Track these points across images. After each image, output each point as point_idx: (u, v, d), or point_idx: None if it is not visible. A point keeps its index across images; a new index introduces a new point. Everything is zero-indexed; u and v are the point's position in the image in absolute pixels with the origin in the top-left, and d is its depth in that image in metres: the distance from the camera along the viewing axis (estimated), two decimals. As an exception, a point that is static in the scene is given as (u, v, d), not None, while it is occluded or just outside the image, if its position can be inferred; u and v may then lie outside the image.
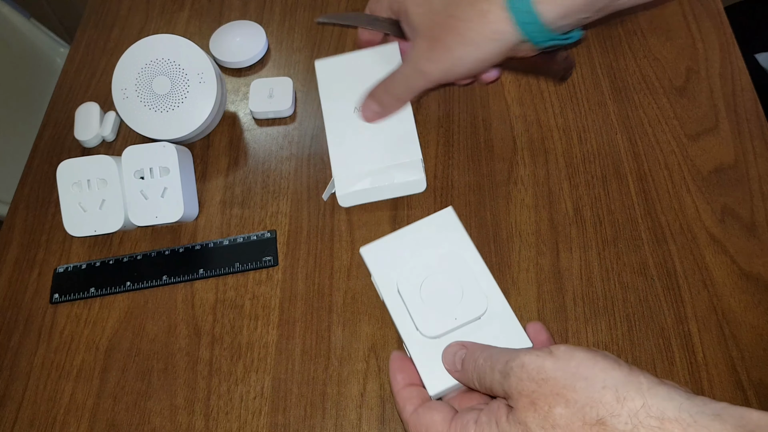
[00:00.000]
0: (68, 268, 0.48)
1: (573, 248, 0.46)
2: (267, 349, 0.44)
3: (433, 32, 0.39)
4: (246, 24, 0.60)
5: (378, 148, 0.46)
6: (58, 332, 0.46)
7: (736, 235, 0.45)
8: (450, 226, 0.41)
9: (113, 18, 0.64)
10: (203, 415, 0.41)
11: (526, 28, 0.36)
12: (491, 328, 0.38)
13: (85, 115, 0.54)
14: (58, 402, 0.43)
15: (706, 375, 0.40)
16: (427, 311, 0.38)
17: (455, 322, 0.37)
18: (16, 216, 0.52)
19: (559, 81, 0.53)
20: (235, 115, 0.55)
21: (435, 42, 0.39)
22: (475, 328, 0.38)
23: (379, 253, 0.41)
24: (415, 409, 0.33)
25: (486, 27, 0.37)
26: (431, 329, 0.37)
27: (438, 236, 0.41)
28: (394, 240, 0.41)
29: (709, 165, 0.48)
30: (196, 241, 0.49)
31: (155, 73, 0.49)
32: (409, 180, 0.46)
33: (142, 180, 0.47)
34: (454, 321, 0.37)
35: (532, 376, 0.28)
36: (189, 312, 0.46)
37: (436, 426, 0.32)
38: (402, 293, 0.39)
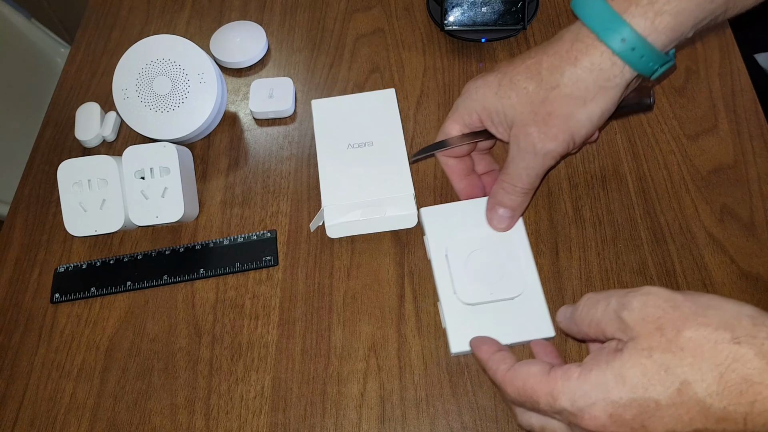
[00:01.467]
0: (69, 268, 0.48)
1: (572, 248, 0.46)
2: (267, 349, 0.44)
3: (542, 111, 0.36)
4: (246, 24, 0.60)
5: (370, 181, 0.46)
6: (58, 332, 0.46)
7: (735, 235, 0.45)
8: None
9: (114, 18, 0.64)
10: (203, 415, 0.42)
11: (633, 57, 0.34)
12: (522, 310, 0.41)
13: (86, 115, 0.54)
14: (59, 401, 0.43)
15: (706, 374, 0.40)
16: (468, 280, 0.41)
17: (490, 296, 0.41)
18: (16, 216, 0.52)
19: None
20: (235, 115, 0.56)
21: (548, 118, 0.36)
22: (507, 306, 0.41)
23: (437, 216, 0.45)
24: (510, 367, 0.33)
25: (599, 78, 0.35)
26: (468, 297, 0.41)
27: None
28: (454, 209, 0.45)
29: (709, 165, 0.48)
30: (196, 241, 0.49)
31: (156, 74, 0.49)
32: (400, 214, 0.45)
33: (142, 180, 0.47)
34: (489, 295, 0.41)
35: (659, 304, 0.28)
36: (189, 312, 0.46)
37: (534, 377, 0.31)
38: (449, 258, 0.42)
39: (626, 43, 0.33)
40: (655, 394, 0.27)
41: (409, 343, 0.43)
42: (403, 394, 0.41)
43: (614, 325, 0.29)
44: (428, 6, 0.60)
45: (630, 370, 0.27)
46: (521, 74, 0.37)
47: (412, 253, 0.46)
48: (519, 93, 0.37)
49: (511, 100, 0.37)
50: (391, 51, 0.58)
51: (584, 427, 0.29)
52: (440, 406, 0.41)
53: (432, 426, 0.40)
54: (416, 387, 0.41)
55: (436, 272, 0.43)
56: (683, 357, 0.26)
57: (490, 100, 0.39)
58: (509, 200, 0.42)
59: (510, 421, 0.39)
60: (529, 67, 0.37)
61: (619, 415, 0.27)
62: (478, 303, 0.41)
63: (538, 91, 0.36)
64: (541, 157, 0.38)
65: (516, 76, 0.37)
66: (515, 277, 0.41)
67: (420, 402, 0.41)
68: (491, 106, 0.39)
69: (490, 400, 0.40)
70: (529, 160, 0.38)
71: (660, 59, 0.34)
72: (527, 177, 0.40)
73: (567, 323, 0.34)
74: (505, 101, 0.38)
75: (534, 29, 0.58)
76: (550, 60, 0.36)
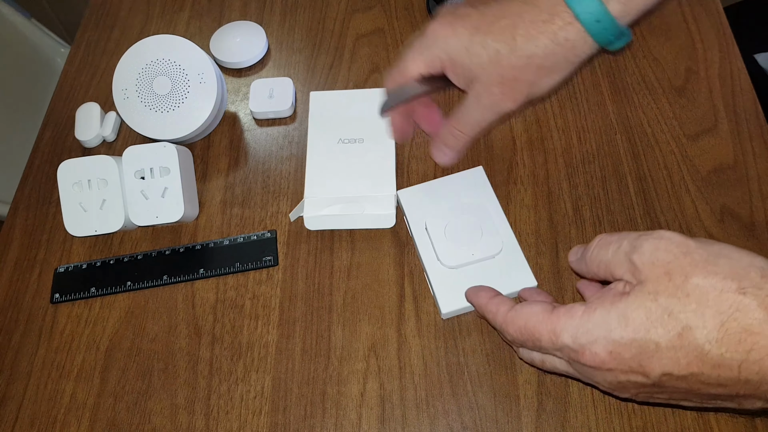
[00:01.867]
0: (69, 268, 0.48)
1: (572, 248, 0.46)
2: (267, 349, 0.44)
3: (510, 75, 0.38)
4: (246, 24, 0.60)
5: (354, 177, 0.48)
6: (58, 332, 0.46)
7: (735, 235, 0.45)
8: (478, 183, 0.47)
9: (114, 18, 0.64)
10: (203, 415, 0.42)
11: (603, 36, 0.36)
12: (503, 266, 0.43)
13: (86, 116, 0.54)
14: (59, 401, 0.43)
15: (705, 374, 0.40)
16: (448, 245, 0.44)
17: (472, 257, 0.43)
18: (16, 216, 0.52)
19: None
20: (235, 116, 0.56)
21: (514, 83, 0.38)
22: (489, 265, 0.43)
23: (413, 196, 0.47)
24: (511, 308, 0.34)
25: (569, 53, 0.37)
26: (450, 260, 0.43)
27: (466, 189, 0.47)
28: (428, 187, 0.47)
29: (709, 165, 0.48)
30: (196, 241, 0.49)
31: (156, 74, 0.49)
32: (378, 213, 0.46)
33: (142, 180, 0.47)
34: (471, 256, 0.43)
35: (671, 249, 0.28)
36: (189, 312, 0.46)
37: (537, 315, 0.32)
38: (429, 229, 0.45)
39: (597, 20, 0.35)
40: (656, 337, 0.27)
41: (409, 343, 0.43)
42: (403, 394, 0.41)
43: (624, 267, 0.30)
44: (428, 6, 0.60)
45: (634, 311, 0.28)
46: (495, 35, 0.37)
47: (412, 253, 0.46)
48: (490, 54, 0.37)
49: (481, 59, 0.38)
50: (391, 51, 0.58)
51: (584, 363, 0.30)
52: (440, 406, 0.41)
53: (432, 426, 0.40)
54: (416, 387, 0.41)
55: (418, 245, 0.45)
56: (688, 303, 0.27)
57: (460, 53, 0.39)
58: (455, 144, 0.45)
59: (510, 421, 0.40)
60: (504, 29, 0.37)
61: (619, 353, 0.28)
62: (462, 265, 0.43)
63: (509, 56, 0.37)
64: (497, 114, 0.41)
65: (489, 35, 0.37)
66: (493, 236, 0.44)
67: (420, 402, 0.41)
68: (459, 59, 0.39)
69: (490, 400, 0.40)
70: (486, 114, 0.41)
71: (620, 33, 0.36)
72: (478, 127, 0.42)
73: (577, 263, 0.35)
74: (474, 59, 0.38)
75: (534, 29, 0.58)
76: (526, 27, 0.36)
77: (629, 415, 0.39)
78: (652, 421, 0.39)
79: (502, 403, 0.40)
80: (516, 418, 0.40)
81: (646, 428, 0.39)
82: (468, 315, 0.43)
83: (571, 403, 0.40)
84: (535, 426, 0.39)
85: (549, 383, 0.41)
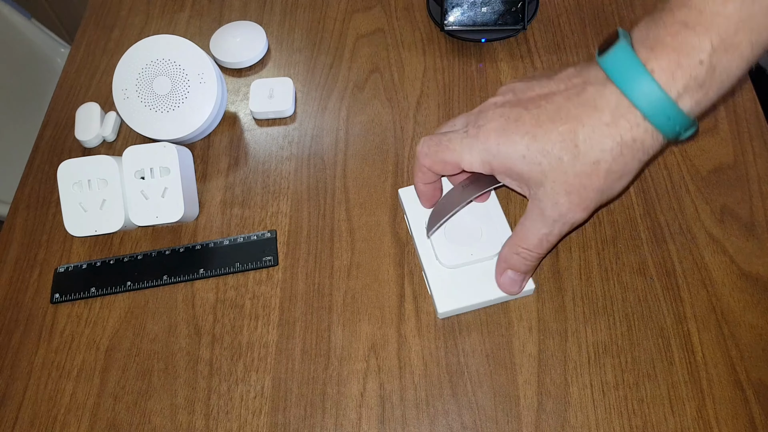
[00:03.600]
0: (69, 268, 0.48)
1: (572, 248, 0.46)
2: (267, 349, 0.44)
3: (576, 184, 0.35)
4: (246, 24, 0.60)
5: None
6: (58, 332, 0.46)
7: (735, 235, 0.45)
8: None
9: (114, 18, 0.64)
10: (203, 415, 0.42)
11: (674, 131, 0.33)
12: None
13: (86, 116, 0.54)
14: (59, 401, 0.43)
15: (706, 375, 0.40)
16: (448, 245, 0.44)
17: (471, 257, 0.43)
18: (16, 216, 0.52)
19: None
20: (235, 116, 0.56)
21: (583, 191, 0.35)
22: (486, 266, 0.44)
23: (414, 195, 0.46)
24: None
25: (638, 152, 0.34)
26: (449, 260, 0.43)
27: None
28: None
29: (709, 165, 0.48)
30: (196, 241, 0.49)
31: (156, 74, 0.49)
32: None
33: (142, 180, 0.47)
34: (470, 256, 0.43)
35: None
36: (189, 312, 0.46)
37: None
38: None
39: (668, 117, 0.32)
40: None
41: (409, 343, 0.43)
42: (403, 395, 0.41)
43: None
44: (428, 6, 0.60)
45: None
46: (554, 142, 0.34)
47: (412, 253, 0.46)
48: (551, 161, 0.35)
49: (541, 167, 0.35)
50: (391, 51, 0.58)
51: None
52: (440, 406, 0.41)
53: (432, 426, 0.40)
54: (416, 387, 0.41)
55: (417, 245, 0.45)
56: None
57: (515, 160, 0.36)
58: (524, 266, 0.40)
59: (510, 421, 0.40)
60: (563, 134, 0.34)
61: None
62: (460, 265, 0.44)
63: (573, 163, 0.34)
64: (568, 226, 0.37)
65: (548, 143, 0.34)
66: (492, 238, 0.44)
67: (420, 402, 0.41)
68: (514, 167, 0.36)
69: (490, 400, 0.40)
70: (554, 227, 0.37)
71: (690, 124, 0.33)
72: (547, 243, 0.38)
73: None
74: (534, 167, 0.35)
75: (534, 29, 0.58)
76: (586, 132, 0.33)
77: (629, 415, 0.39)
78: (652, 421, 0.39)
79: (502, 403, 0.40)
80: (516, 418, 0.40)
81: (646, 428, 0.39)
82: (468, 315, 0.43)
83: (571, 403, 0.40)
84: (535, 426, 0.39)
85: (549, 383, 0.41)
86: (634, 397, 0.40)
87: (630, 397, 0.40)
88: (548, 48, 0.56)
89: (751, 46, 0.31)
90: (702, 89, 0.32)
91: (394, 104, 0.54)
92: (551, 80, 0.36)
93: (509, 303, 0.44)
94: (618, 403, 0.40)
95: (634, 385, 0.40)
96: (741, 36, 0.30)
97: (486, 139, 0.37)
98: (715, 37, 0.30)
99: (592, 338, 0.42)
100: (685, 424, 0.39)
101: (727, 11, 0.30)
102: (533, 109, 0.35)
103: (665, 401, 0.39)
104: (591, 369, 0.41)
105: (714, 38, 0.31)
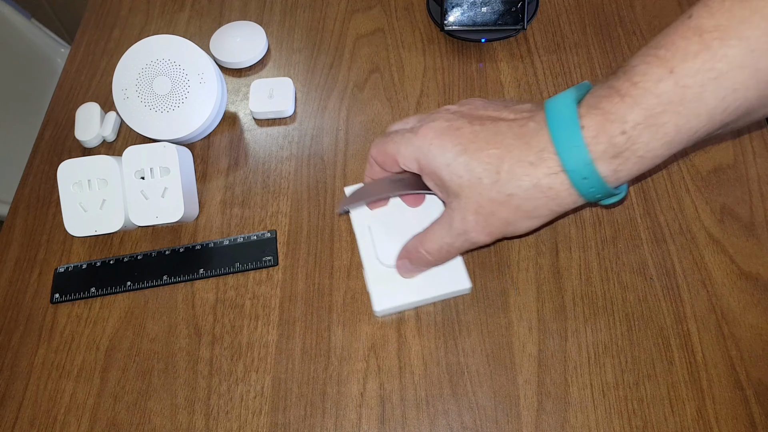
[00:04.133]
0: (69, 268, 0.48)
1: (572, 248, 0.46)
2: (267, 349, 0.44)
3: (487, 207, 0.36)
4: (246, 24, 0.60)
5: None
6: (58, 332, 0.46)
7: (735, 235, 0.45)
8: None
9: (114, 18, 0.64)
10: (203, 415, 0.42)
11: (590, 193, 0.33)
12: (438, 268, 0.44)
13: (86, 116, 0.54)
14: (59, 401, 0.43)
15: (706, 375, 0.40)
16: (389, 245, 0.44)
17: None
18: (16, 216, 0.52)
19: None
20: (235, 116, 0.56)
21: (491, 216, 0.36)
22: None
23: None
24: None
25: (552, 201, 0.34)
26: (389, 259, 0.44)
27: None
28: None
29: (708, 165, 0.48)
30: (196, 241, 0.49)
31: (156, 74, 0.49)
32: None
33: (142, 180, 0.47)
34: None
35: None
36: (189, 312, 0.46)
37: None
38: (371, 228, 0.46)
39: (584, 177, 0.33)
40: None
41: (409, 343, 0.43)
42: (403, 394, 0.41)
43: None
44: (428, 6, 0.60)
45: None
46: (480, 161, 0.35)
47: (412, 253, 0.46)
48: (471, 178, 0.35)
49: (461, 180, 0.36)
50: (391, 51, 0.58)
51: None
52: (440, 406, 0.41)
53: (432, 426, 0.40)
54: (416, 387, 0.41)
55: (360, 243, 0.45)
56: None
57: (440, 165, 0.36)
58: (419, 262, 0.42)
59: (510, 421, 0.40)
60: (490, 157, 0.35)
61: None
62: None
63: (490, 188, 0.35)
64: (468, 243, 0.38)
65: (475, 161, 0.35)
66: None
67: (420, 402, 0.41)
68: (438, 171, 0.37)
69: (490, 400, 0.40)
70: (456, 240, 0.38)
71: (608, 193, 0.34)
72: (446, 252, 0.40)
73: None
74: (455, 178, 0.36)
75: (534, 29, 0.58)
76: (510, 163, 0.34)
77: (629, 415, 0.39)
78: (652, 421, 0.39)
79: (502, 403, 0.40)
80: (516, 418, 0.40)
81: (646, 428, 0.39)
82: (468, 315, 0.43)
83: (571, 403, 0.40)
84: (535, 426, 0.39)
85: (549, 383, 0.41)
86: (634, 397, 0.40)
87: (630, 397, 0.40)
88: (548, 48, 0.56)
89: (676, 129, 0.30)
90: (619, 159, 0.32)
91: (394, 104, 0.54)
92: (507, 108, 0.37)
93: (509, 303, 0.44)
94: (618, 403, 0.40)
95: (634, 385, 0.40)
96: (667, 117, 0.30)
97: (423, 137, 0.37)
98: (640, 112, 0.30)
99: (592, 338, 0.42)
100: (685, 424, 0.39)
101: (658, 90, 0.30)
102: (476, 126, 0.36)
103: (665, 401, 0.40)
104: (591, 369, 0.41)
105: (638, 113, 0.31)
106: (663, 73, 0.30)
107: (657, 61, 0.31)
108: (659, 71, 0.30)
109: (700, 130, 0.31)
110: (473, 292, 0.44)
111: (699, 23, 0.30)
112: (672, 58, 0.30)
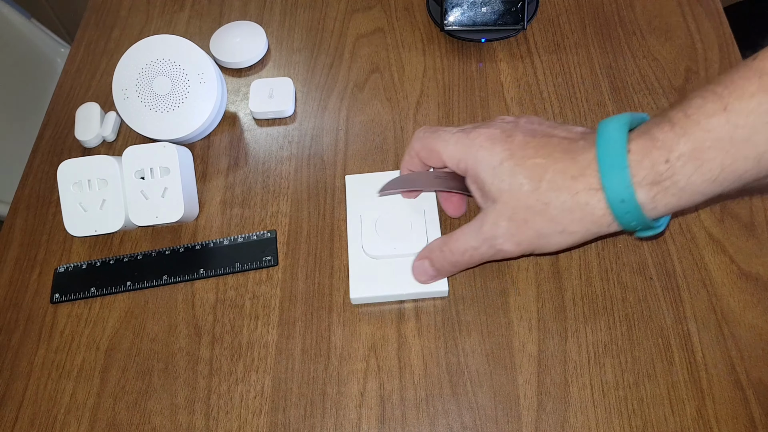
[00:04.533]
0: (69, 268, 0.48)
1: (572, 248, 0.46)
2: (267, 349, 0.44)
3: (521, 215, 0.36)
4: (246, 24, 0.60)
5: None
6: (58, 332, 0.46)
7: (735, 235, 0.45)
8: None
9: (114, 18, 0.64)
10: (203, 415, 0.42)
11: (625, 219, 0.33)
12: None
13: (86, 116, 0.54)
14: (59, 401, 0.43)
15: (705, 375, 0.40)
16: (375, 236, 0.45)
17: (393, 251, 0.44)
18: (16, 216, 0.52)
19: None
20: (235, 116, 0.56)
21: (523, 225, 0.36)
22: (408, 262, 0.44)
23: (359, 183, 0.48)
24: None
25: (587, 219, 0.34)
26: (373, 250, 0.45)
27: None
28: (376, 178, 0.47)
29: (709, 165, 0.48)
30: (196, 241, 0.49)
31: (156, 74, 0.49)
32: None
33: (142, 180, 0.47)
34: (393, 250, 0.45)
35: None
36: (189, 312, 0.46)
37: None
38: (362, 218, 0.46)
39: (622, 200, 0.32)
40: None
41: (409, 343, 0.43)
42: (403, 394, 0.41)
43: None
44: (428, 6, 0.60)
45: None
46: (525, 168, 0.35)
47: (412, 253, 0.46)
48: (513, 184, 0.36)
49: (503, 185, 0.36)
50: (391, 51, 0.58)
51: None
52: (440, 406, 0.41)
53: (432, 426, 0.40)
54: (416, 387, 0.41)
55: (349, 231, 0.46)
56: None
57: (485, 168, 0.37)
58: (440, 264, 0.41)
59: (510, 421, 0.40)
60: (535, 166, 0.35)
61: None
62: (382, 257, 0.44)
63: (529, 195, 0.35)
64: (494, 251, 0.38)
65: (520, 167, 0.35)
66: (420, 237, 0.45)
67: (420, 402, 0.41)
68: (482, 173, 0.37)
69: (490, 400, 0.40)
70: (482, 245, 0.38)
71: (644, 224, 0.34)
72: (469, 257, 0.39)
73: None
74: (497, 182, 0.36)
75: (534, 29, 0.58)
76: (553, 174, 0.34)
77: (629, 415, 0.39)
78: (652, 421, 0.39)
79: (502, 403, 0.40)
80: (516, 418, 0.40)
81: (646, 428, 0.39)
82: (468, 315, 0.43)
83: (571, 403, 0.40)
84: (535, 426, 0.39)
85: (549, 383, 0.41)
86: (634, 397, 0.40)
87: (630, 397, 0.40)
88: (548, 48, 0.56)
89: (721, 167, 0.30)
90: (659, 187, 0.32)
91: (394, 104, 0.54)
92: (561, 127, 0.37)
93: (509, 303, 0.44)
94: (618, 403, 0.40)
95: (634, 385, 0.40)
96: (713, 154, 0.30)
97: (474, 139, 0.38)
98: (687, 144, 0.30)
99: (592, 338, 0.42)
100: (685, 424, 0.39)
101: (709, 125, 0.30)
102: (528, 136, 0.36)
103: (665, 401, 0.39)
104: (591, 369, 0.41)
105: (685, 144, 0.30)
106: (717, 109, 0.30)
107: (713, 96, 0.30)
108: (713, 106, 0.30)
109: (747, 173, 0.30)
110: (473, 292, 0.44)
111: (762, 65, 0.29)
112: (728, 95, 0.30)
